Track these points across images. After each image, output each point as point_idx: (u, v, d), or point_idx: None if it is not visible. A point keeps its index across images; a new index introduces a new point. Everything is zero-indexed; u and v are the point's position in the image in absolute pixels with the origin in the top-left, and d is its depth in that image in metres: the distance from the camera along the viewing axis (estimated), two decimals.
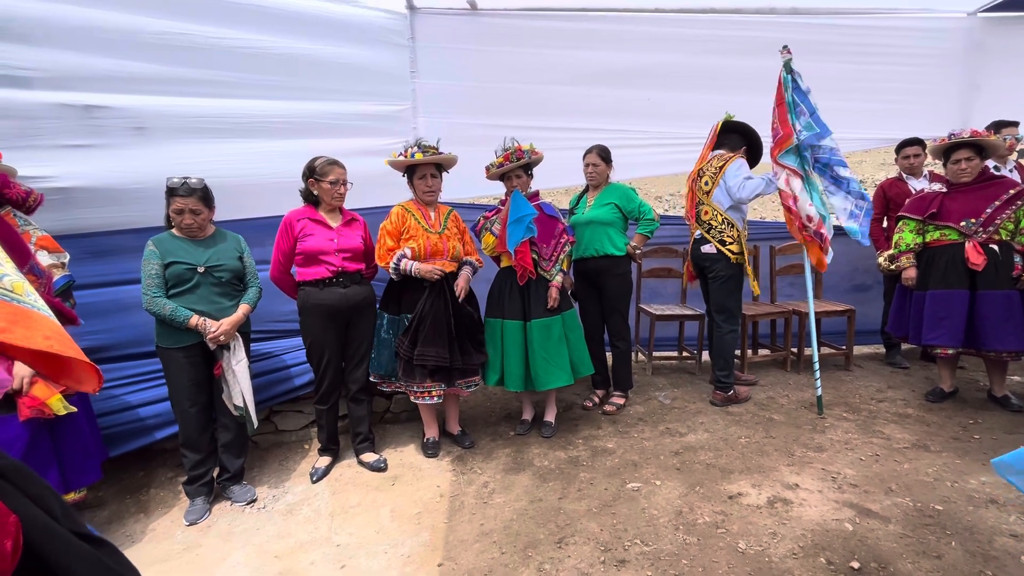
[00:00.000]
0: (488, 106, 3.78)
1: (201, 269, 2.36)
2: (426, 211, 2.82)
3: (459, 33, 3.69)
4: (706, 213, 3.28)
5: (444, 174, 2.89)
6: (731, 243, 3.20)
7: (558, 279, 2.90)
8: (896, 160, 3.98)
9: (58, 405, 2.03)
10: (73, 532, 0.87)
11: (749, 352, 4.02)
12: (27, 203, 2.17)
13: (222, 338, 2.35)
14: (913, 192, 3.55)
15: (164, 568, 2.07)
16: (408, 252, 2.67)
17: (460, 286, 2.74)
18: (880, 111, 4.17)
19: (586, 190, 3.40)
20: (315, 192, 2.63)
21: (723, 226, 3.22)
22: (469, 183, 3.43)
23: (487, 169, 2.98)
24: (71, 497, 2.32)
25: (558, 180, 3.43)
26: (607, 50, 3.88)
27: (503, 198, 3.02)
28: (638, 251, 3.25)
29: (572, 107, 3.91)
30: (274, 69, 3.18)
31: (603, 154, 3.23)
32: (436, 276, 2.65)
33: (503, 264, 3.00)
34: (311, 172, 2.60)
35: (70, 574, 0.83)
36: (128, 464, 2.80)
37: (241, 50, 3.08)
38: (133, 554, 2.16)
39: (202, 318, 2.32)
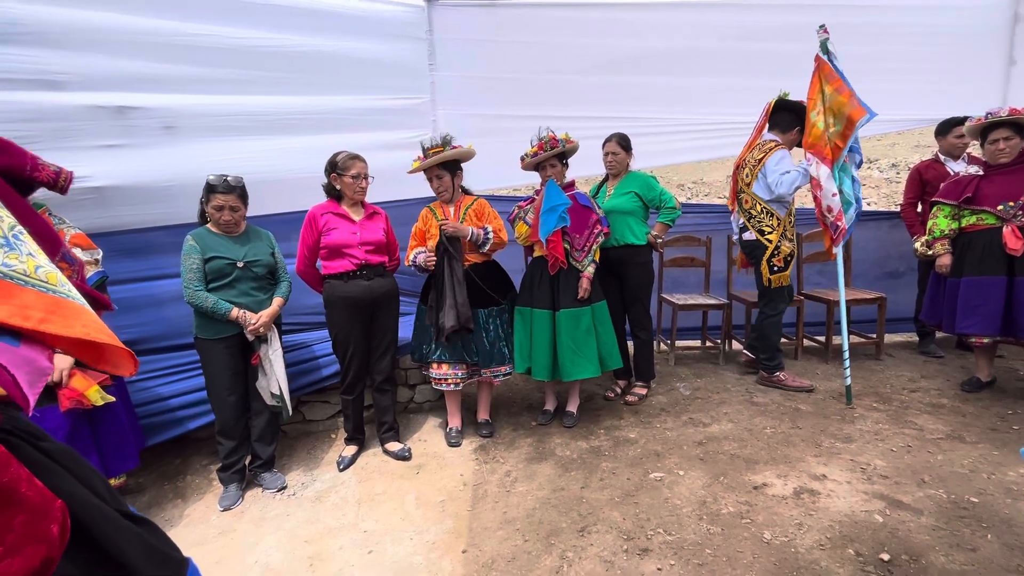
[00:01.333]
0: (506, 97, 3.76)
1: (240, 264, 2.44)
2: (446, 209, 2.88)
3: (476, 24, 3.66)
4: (746, 202, 3.28)
5: (465, 166, 2.90)
6: (769, 232, 3.19)
7: (590, 270, 2.88)
8: (942, 140, 3.74)
9: (96, 396, 2.12)
10: (117, 511, 0.92)
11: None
12: (58, 183, 2.17)
13: (261, 329, 2.44)
14: (951, 174, 3.41)
15: (202, 551, 2.15)
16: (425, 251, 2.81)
17: (447, 224, 2.74)
18: (916, 91, 4.00)
19: (606, 179, 3.37)
20: (337, 186, 2.66)
21: (762, 215, 3.21)
22: (484, 175, 3.43)
23: (522, 159, 2.99)
24: (111, 483, 2.43)
25: (577, 170, 3.40)
26: (626, 37, 3.81)
27: (537, 188, 3.02)
28: (659, 240, 3.22)
29: (591, 96, 3.85)
30: (294, 66, 3.21)
31: (623, 142, 3.20)
32: (448, 228, 2.71)
33: (536, 254, 3.01)
34: (333, 167, 2.64)
35: (118, 550, 0.88)
36: (165, 452, 2.91)
37: (262, 48, 3.12)
38: (172, 537, 2.24)
39: (242, 310, 2.41)
